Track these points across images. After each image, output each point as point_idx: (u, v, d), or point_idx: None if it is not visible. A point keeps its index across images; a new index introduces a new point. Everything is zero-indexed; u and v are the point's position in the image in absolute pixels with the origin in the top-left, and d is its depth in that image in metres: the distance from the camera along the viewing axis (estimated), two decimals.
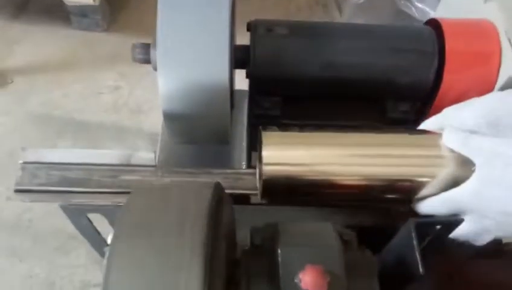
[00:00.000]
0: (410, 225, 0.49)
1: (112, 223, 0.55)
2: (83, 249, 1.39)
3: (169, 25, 0.56)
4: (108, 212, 0.54)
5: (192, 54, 0.55)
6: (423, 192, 0.52)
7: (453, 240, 0.53)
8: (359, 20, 1.83)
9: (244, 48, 0.64)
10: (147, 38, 0.63)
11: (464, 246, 0.55)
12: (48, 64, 1.86)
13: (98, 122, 1.68)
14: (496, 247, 0.62)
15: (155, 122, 1.67)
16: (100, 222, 0.62)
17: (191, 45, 0.55)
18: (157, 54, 0.56)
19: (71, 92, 1.77)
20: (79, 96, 1.76)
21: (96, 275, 1.33)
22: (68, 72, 1.83)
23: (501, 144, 0.45)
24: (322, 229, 0.48)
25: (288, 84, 0.65)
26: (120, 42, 1.88)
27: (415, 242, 0.48)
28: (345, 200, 0.59)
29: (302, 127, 0.56)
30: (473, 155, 0.47)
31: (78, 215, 0.52)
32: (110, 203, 0.55)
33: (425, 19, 0.70)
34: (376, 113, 0.68)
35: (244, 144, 0.72)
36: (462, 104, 0.50)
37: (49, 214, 1.43)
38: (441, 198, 0.51)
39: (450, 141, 0.49)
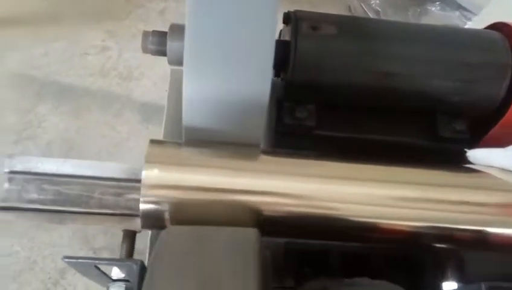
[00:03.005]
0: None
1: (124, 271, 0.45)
2: (67, 227, 1.29)
3: (203, 13, 0.44)
4: (122, 265, 0.44)
5: (234, 53, 0.44)
6: None
7: None
8: None
9: (283, 46, 0.53)
10: None
11: None
12: (27, 16, 1.68)
13: (83, 87, 1.54)
14: None
15: (147, 91, 1.55)
16: None
17: (233, 41, 0.44)
18: (186, 51, 0.45)
19: (53, 50, 1.61)
20: (62, 56, 1.60)
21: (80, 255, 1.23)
22: (50, 27, 1.67)
23: None
24: None
25: (333, 93, 0.55)
26: None
27: None
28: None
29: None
30: None
31: (86, 267, 0.43)
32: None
33: None
34: (425, 130, 0.59)
35: None
36: None
37: None
38: None
39: None
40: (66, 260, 0.40)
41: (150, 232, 0.60)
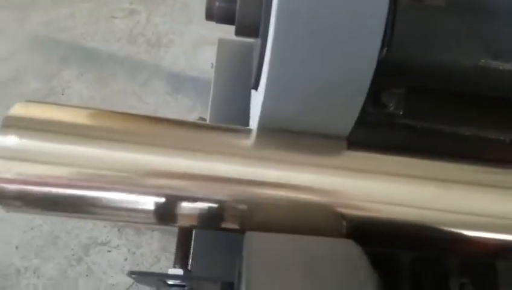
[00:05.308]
0: None
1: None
2: None
3: None
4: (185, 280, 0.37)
5: (337, 21, 0.35)
6: None
7: None
8: None
9: None
10: None
11: None
12: None
13: (109, 53, 1.45)
14: None
15: (176, 59, 1.46)
16: None
17: (337, 6, 0.35)
18: (277, 19, 0.36)
19: (79, 11, 1.53)
20: (88, 18, 1.51)
21: (104, 233, 1.18)
22: None
23: None
24: None
25: (432, 75, 0.46)
26: None
27: None
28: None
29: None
30: None
31: (154, 281, 0.36)
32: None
33: None
34: None
35: None
36: None
37: None
38: None
39: None
40: (133, 276, 0.33)
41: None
